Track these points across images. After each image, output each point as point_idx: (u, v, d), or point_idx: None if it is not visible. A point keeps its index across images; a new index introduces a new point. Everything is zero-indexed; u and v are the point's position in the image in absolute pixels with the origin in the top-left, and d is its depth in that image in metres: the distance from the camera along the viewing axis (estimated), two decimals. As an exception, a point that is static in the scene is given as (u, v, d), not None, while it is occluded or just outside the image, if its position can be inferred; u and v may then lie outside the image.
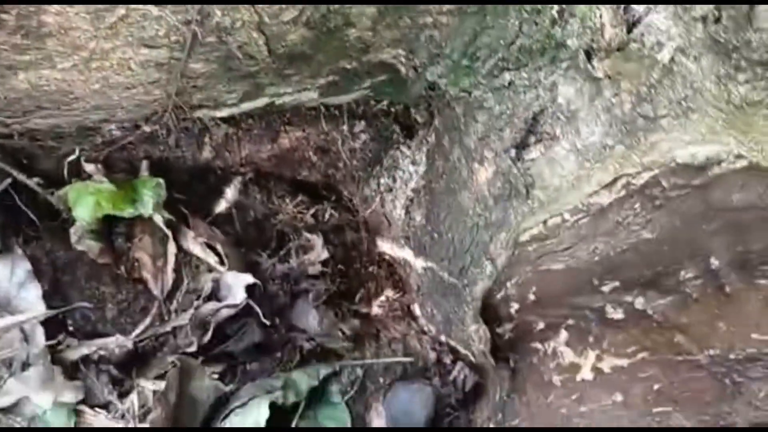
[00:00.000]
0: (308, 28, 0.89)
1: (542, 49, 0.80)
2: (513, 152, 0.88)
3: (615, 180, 0.77)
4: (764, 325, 0.82)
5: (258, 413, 0.99)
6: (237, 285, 1.10)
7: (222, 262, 1.14)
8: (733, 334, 0.86)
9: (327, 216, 1.33)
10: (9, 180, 0.98)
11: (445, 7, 0.83)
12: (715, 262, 0.81)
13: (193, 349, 1.07)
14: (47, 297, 1.04)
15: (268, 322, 1.12)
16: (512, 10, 0.80)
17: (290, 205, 1.31)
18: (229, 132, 1.19)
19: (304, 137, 1.24)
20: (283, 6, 0.86)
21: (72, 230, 1.09)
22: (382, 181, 1.24)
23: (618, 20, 0.74)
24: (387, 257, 1.38)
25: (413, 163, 1.20)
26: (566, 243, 0.88)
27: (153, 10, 0.85)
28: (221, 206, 1.22)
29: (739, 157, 0.64)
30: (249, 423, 0.98)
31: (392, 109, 1.24)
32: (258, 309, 1.08)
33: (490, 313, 1.16)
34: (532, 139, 0.88)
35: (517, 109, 0.87)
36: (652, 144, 0.72)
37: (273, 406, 1.00)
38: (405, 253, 1.30)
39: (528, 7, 0.77)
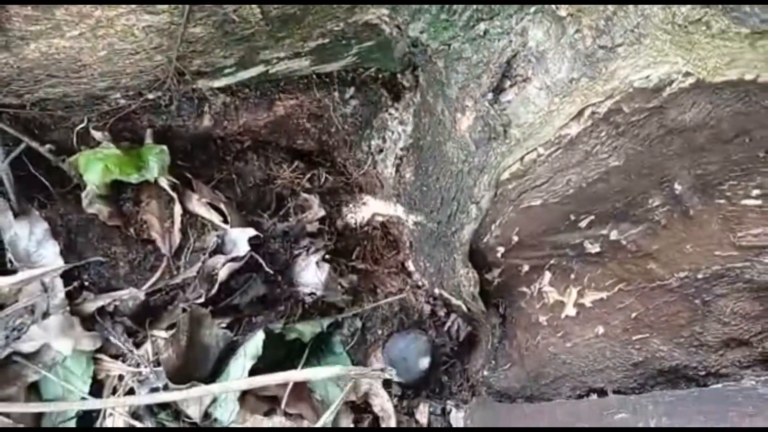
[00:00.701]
0: (297, -12, 0.96)
1: (511, -5, 0.88)
2: (490, 96, 0.96)
3: (581, 111, 0.84)
4: (725, 241, 0.90)
5: (256, 342, 1.07)
6: (240, 239, 1.17)
7: (226, 221, 1.22)
8: (699, 255, 0.94)
9: (322, 180, 1.40)
10: (23, 146, 1.04)
11: (422, -37, 0.90)
12: (678, 188, 0.89)
13: (201, 300, 1.14)
14: (63, 255, 1.12)
15: (271, 271, 1.19)
16: (483, -38, 0.87)
17: (287, 171, 1.38)
18: (227, 101, 1.26)
19: (297, 105, 1.31)
20: (274, -32, 0.94)
21: (83, 194, 1.17)
22: (372, 143, 1.32)
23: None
24: (380, 217, 1.45)
25: (401, 123, 1.27)
26: (543, 178, 0.96)
27: (153, -23, 0.92)
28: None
29: (687, 75, 0.72)
30: (249, 354, 1.06)
31: (380, 76, 1.31)
32: (261, 260, 1.16)
33: (478, 259, 1.23)
34: (507, 83, 0.96)
35: (493, 56, 0.95)
36: (611, 72, 0.79)
37: (269, 333, 1.08)
38: (397, 211, 1.37)
39: (496, -44, 0.85)
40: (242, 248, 1.16)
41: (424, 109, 1.18)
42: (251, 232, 1.17)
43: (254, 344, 1.10)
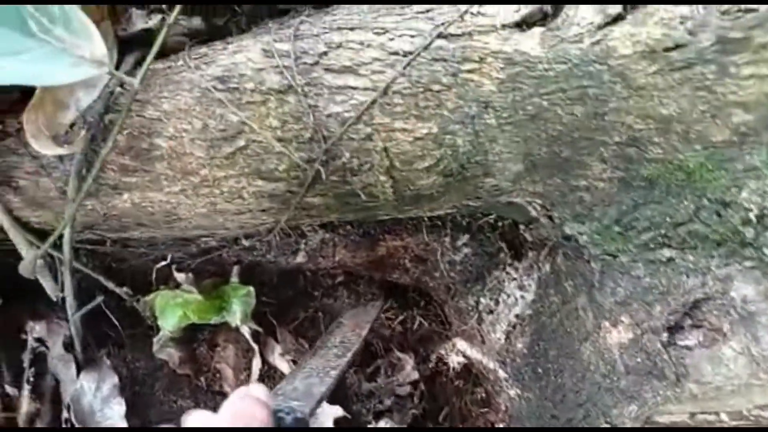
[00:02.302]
0: (443, 176, 0.80)
1: (721, 240, 0.70)
2: (664, 336, 0.78)
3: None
4: None
5: None
6: (325, 415, 1.01)
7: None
8: None
9: (416, 325, 1.23)
10: (99, 299, 0.90)
11: (606, 174, 0.73)
12: None
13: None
14: (126, 415, 0.97)
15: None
16: (689, 193, 0.69)
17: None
18: (326, 237, 1.10)
19: (402, 246, 1.15)
20: (420, 154, 0.77)
21: (155, 339, 1.03)
22: (482, 300, 1.15)
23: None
24: (475, 370, 1.28)
25: (520, 288, 1.10)
26: (713, 439, 0.77)
27: (276, 145, 0.77)
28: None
29: None
30: None
31: (500, 224, 1.14)
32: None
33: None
34: (688, 321, 0.78)
35: (675, 290, 0.77)
36: None
37: None
38: (497, 374, 1.20)
39: (713, 195, 0.67)
40: (325, 425, 1.00)
41: (556, 288, 1.00)
42: (338, 411, 1.01)
43: None
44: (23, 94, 0.77)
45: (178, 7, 0.73)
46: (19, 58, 0.54)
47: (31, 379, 0.90)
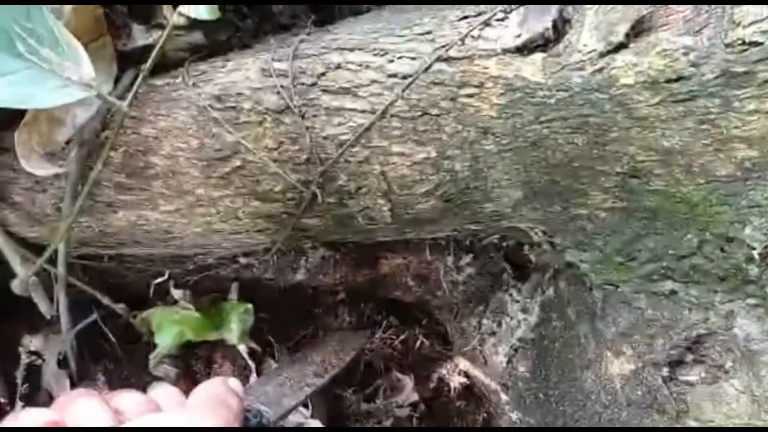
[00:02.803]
0: (442, 200, 0.78)
1: (725, 276, 0.67)
2: (665, 371, 0.76)
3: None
4: None
5: None
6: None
7: (306, 405, 1.04)
8: None
9: (418, 344, 1.21)
10: (94, 315, 0.89)
11: (607, 204, 0.71)
12: None
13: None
14: (119, 433, 0.95)
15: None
16: (692, 226, 0.67)
17: (379, 330, 1.20)
18: (326, 255, 1.09)
19: (404, 264, 1.13)
20: (418, 178, 0.76)
21: (151, 356, 1.01)
22: (485, 322, 1.13)
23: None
24: (477, 391, 1.26)
25: (523, 311, 1.08)
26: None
27: (272, 166, 0.76)
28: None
29: None
30: None
31: (504, 244, 1.12)
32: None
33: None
34: (690, 356, 0.75)
35: (677, 323, 0.75)
36: None
37: None
38: (499, 398, 1.18)
39: (716, 230, 0.65)
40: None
41: (559, 313, 0.98)
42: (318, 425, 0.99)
43: None
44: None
45: (173, 20, 0.72)
46: (5, 78, 0.53)
47: (24, 393, 0.89)
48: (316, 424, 1.02)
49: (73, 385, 0.94)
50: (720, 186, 0.63)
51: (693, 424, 0.75)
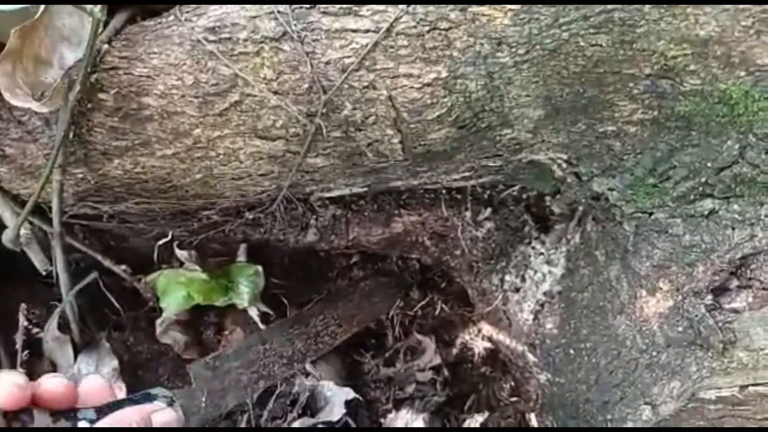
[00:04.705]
0: (456, 127, 0.72)
1: (772, 183, 0.61)
2: (708, 298, 0.69)
3: None
4: None
5: None
6: (335, 399, 0.94)
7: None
8: None
9: (437, 310, 1.15)
10: (93, 275, 0.84)
11: (637, 115, 0.64)
12: None
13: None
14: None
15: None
16: (732, 130, 0.60)
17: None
18: (337, 214, 1.03)
19: (419, 222, 1.07)
20: (429, 102, 0.70)
21: (158, 321, 0.96)
22: (507, 278, 1.06)
23: None
24: (502, 356, 1.20)
25: (548, 263, 1.01)
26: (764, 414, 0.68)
27: (271, 98, 0.70)
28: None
29: None
30: None
31: (524, 196, 1.05)
32: (354, 424, 0.92)
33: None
34: (735, 282, 0.69)
35: (719, 246, 0.68)
36: None
37: None
38: (526, 359, 1.11)
39: (760, 130, 0.58)
40: (337, 411, 0.93)
41: (586, 260, 0.92)
42: (349, 393, 0.93)
43: None
44: None
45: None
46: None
47: (24, 361, 0.85)
48: (346, 391, 0.96)
49: (76, 352, 0.89)
50: (763, 77, 0.56)
51: (742, 355, 0.69)
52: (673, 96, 0.61)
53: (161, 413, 0.55)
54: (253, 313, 0.99)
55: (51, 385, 0.51)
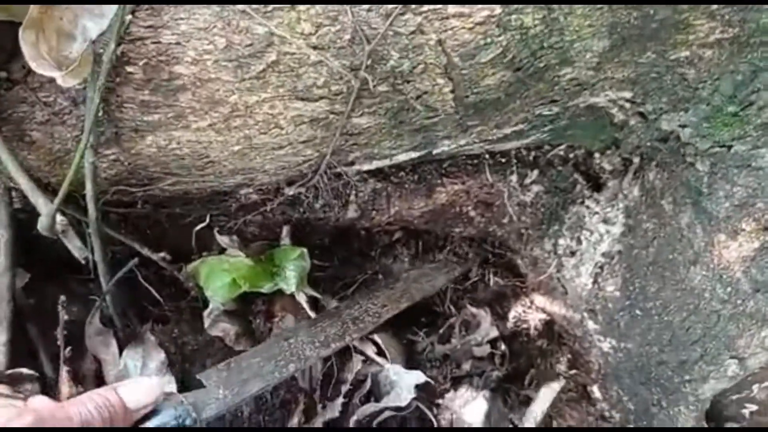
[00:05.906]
0: (512, 69, 0.66)
1: None
2: (803, 232, 0.63)
3: None
4: None
5: None
6: (405, 383, 0.89)
7: (380, 353, 0.93)
8: None
9: (490, 282, 1.10)
10: (133, 262, 0.79)
11: (715, 35, 0.58)
12: None
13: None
14: (177, 394, 0.86)
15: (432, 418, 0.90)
16: (828, 37, 0.54)
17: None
18: (377, 187, 0.98)
19: (463, 190, 1.02)
20: (483, 43, 0.64)
21: (205, 313, 0.92)
22: (561, 242, 1.01)
23: None
24: (557, 327, 1.14)
25: (605, 221, 0.95)
26: None
27: (311, 54, 0.65)
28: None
29: None
30: None
31: (571, 155, 1.00)
32: (427, 411, 0.86)
33: (711, 413, 0.90)
34: (832, 212, 0.62)
35: (812, 174, 0.62)
36: None
37: None
38: (586, 327, 1.05)
39: None
40: (406, 396, 0.87)
41: (649, 212, 0.86)
42: (420, 377, 0.87)
43: None
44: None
45: None
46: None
47: (68, 358, 0.80)
48: (416, 375, 0.91)
49: (121, 347, 0.84)
50: None
51: None
52: (757, 7, 0.55)
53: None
54: (302, 299, 0.94)
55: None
